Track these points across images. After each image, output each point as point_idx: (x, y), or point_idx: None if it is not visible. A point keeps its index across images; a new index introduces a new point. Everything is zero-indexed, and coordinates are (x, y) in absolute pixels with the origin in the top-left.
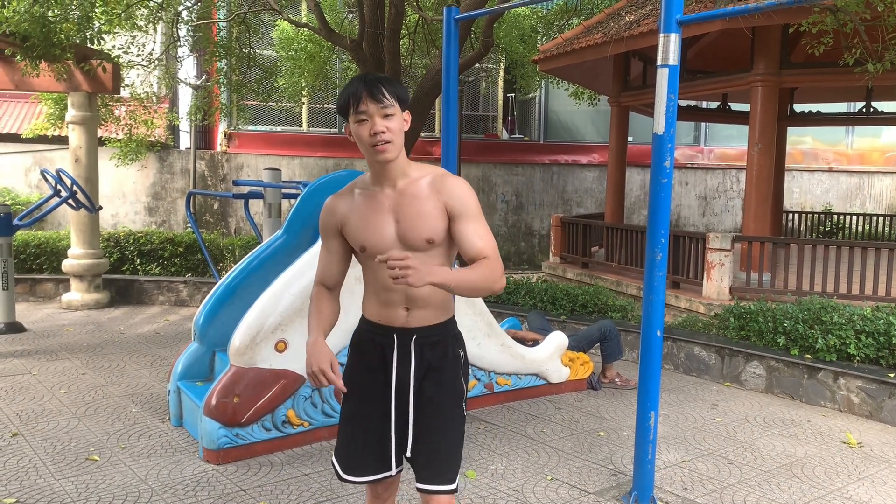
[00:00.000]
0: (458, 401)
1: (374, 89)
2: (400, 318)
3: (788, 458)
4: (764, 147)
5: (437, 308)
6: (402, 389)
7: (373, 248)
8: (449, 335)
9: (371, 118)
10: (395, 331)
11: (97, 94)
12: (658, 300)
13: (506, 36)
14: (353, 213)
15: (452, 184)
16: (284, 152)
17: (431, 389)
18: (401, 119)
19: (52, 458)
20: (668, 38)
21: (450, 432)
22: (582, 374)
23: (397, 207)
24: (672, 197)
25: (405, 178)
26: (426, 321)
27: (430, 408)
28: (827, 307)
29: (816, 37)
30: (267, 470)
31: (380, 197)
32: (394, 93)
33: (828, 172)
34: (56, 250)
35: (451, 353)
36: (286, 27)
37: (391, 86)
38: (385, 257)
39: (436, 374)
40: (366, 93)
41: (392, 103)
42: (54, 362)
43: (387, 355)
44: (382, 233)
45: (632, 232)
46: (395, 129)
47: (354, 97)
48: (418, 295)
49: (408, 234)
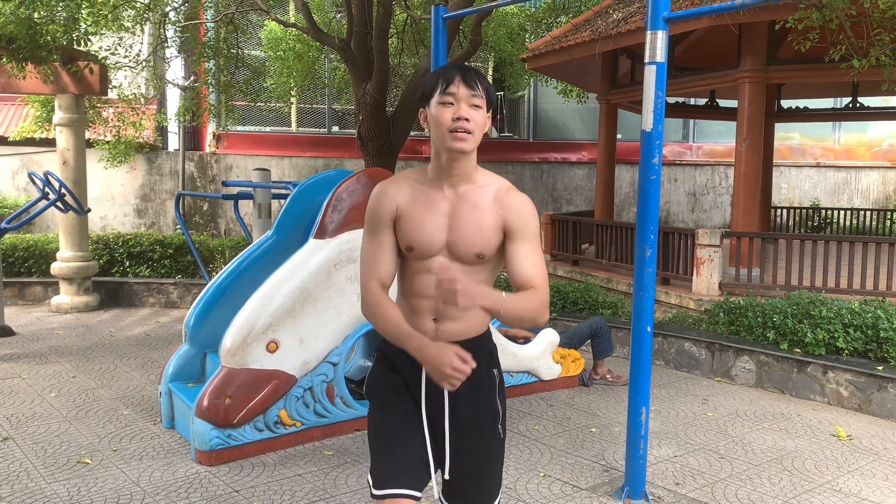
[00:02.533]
0: (495, 423)
1: (469, 75)
2: (428, 329)
3: (779, 452)
4: (752, 143)
5: (469, 322)
6: (434, 409)
7: (420, 251)
8: (483, 353)
9: (458, 102)
10: None
11: (84, 95)
12: (648, 296)
13: (494, 34)
14: (409, 205)
15: (517, 200)
16: (274, 153)
17: (468, 412)
18: (484, 114)
19: (44, 461)
20: (656, 36)
21: (491, 458)
22: (573, 371)
23: (454, 213)
24: (661, 194)
25: (469, 184)
26: (457, 335)
27: (469, 431)
28: (815, 301)
29: (802, 33)
30: (259, 471)
31: (437, 197)
32: (486, 88)
33: (815, 168)
34: (45, 253)
35: (483, 372)
36: (274, 27)
37: (485, 81)
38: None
39: (470, 395)
40: (459, 76)
41: (482, 95)
42: (44, 366)
43: (415, 370)
44: (434, 236)
45: (621, 229)
46: (479, 121)
47: (445, 78)
48: (452, 309)
49: (459, 245)
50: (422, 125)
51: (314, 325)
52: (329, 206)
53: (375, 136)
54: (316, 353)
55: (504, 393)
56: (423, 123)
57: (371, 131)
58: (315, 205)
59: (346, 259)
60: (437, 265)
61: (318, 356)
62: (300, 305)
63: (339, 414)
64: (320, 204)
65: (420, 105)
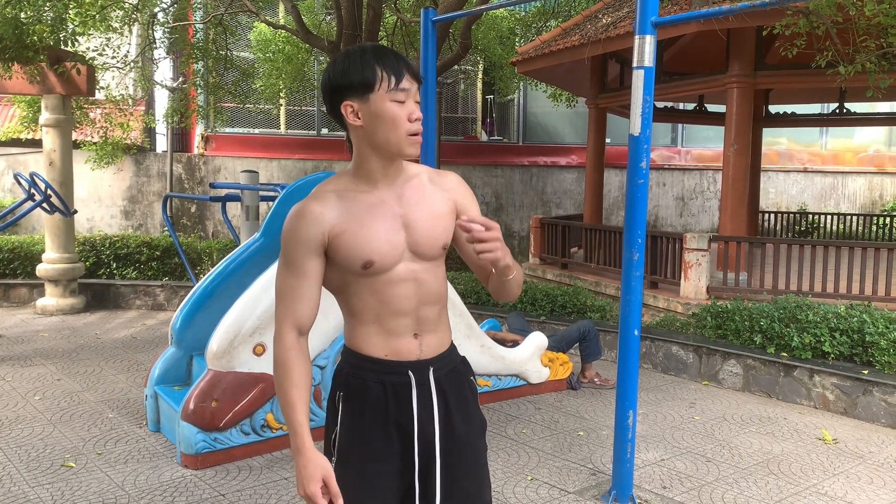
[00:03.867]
0: (483, 432)
1: (413, 67)
2: (413, 349)
3: (765, 456)
4: (740, 148)
5: (444, 331)
6: (426, 437)
7: (382, 263)
8: (459, 361)
9: (408, 100)
10: (410, 366)
11: (71, 96)
12: (635, 300)
13: (484, 38)
14: (347, 220)
15: (452, 179)
16: (262, 154)
17: (462, 427)
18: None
19: (27, 465)
20: (644, 40)
21: (484, 466)
22: (562, 375)
23: (404, 212)
24: (650, 198)
25: (405, 176)
26: (439, 348)
27: (463, 449)
28: (802, 306)
29: (790, 39)
30: (246, 474)
31: (377, 201)
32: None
33: (802, 173)
34: (30, 255)
35: (466, 380)
36: (263, 29)
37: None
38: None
39: (462, 408)
40: (406, 69)
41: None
42: (28, 368)
43: (403, 399)
44: (392, 242)
45: (610, 233)
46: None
47: (393, 70)
48: (429, 317)
49: (422, 243)
50: (347, 121)
51: None
52: None
53: None
54: None
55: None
56: (349, 119)
57: None
58: None
59: None
60: (403, 272)
61: None
62: None
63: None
64: None
65: (343, 97)
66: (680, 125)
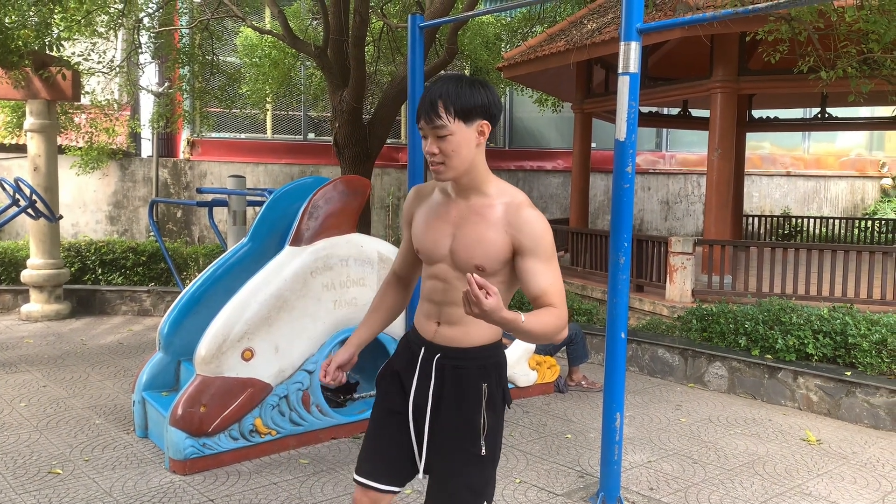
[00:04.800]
0: (473, 438)
1: (431, 108)
2: (430, 332)
3: (751, 457)
4: (724, 152)
5: (469, 329)
6: (418, 407)
7: (425, 256)
8: (476, 363)
9: (425, 138)
10: (425, 343)
11: (57, 101)
12: (622, 303)
13: (470, 43)
14: (423, 211)
15: (528, 217)
16: (249, 159)
17: (449, 419)
18: (462, 136)
19: (13, 472)
20: (629, 47)
21: (464, 472)
22: (549, 378)
23: (460, 222)
24: (635, 202)
25: (480, 196)
26: (454, 342)
27: (443, 438)
28: (786, 308)
29: (772, 45)
30: (235, 479)
31: (450, 205)
32: (457, 107)
33: (786, 177)
34: (15, 261)
35: (473, 383)
36: (250, 34)
37: (457, 97)
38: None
39: (455, 403)
40: (421, 111)
41: (446, 123)
42: (14, 375)
43: (412, 365)
44: (438, 243)
45: (596, 236)
46: (449, 149)
47: (417, 113)
48: (452, 315)
49: (459, 254)
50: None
51: (290, 332)
52: (305, 213)
53: (352, 143)
54: (291, 360)
55: (498, 410)
56: None
57: (347, 138)
58: (291, 212)
59: (323, 266)
60: (440, 270)
61: (293, 364)
62: (276, 313)
63: (315, 422)
64: (296, 211)
65: None
66: (664, 130)
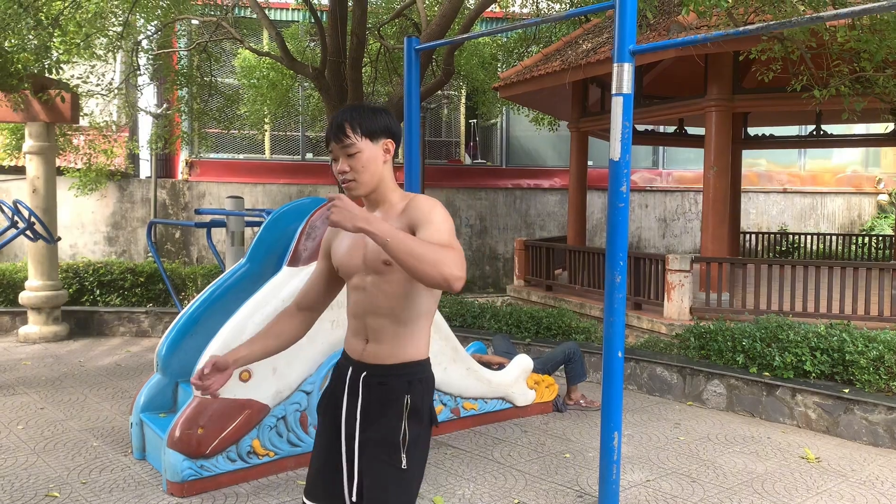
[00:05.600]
0: (395, 449)
1: (339, 130)
2: (357, 350)
3: (749, 475)
4: (720, 170)
5: (394, 347)
6: (349, 427)
7: (345, 271)
8: (400, 379)
9: (336, 159)
10: (352, 363)
11: (55, 123)
12: (618, 322)
13: (467, 63)
14: (341, 237)
15: (418, 201)
16: (247, 180)
17: (370, 430)
18: (370, 153)
19: (10, 495)
20: (622, 68)
21: (388, 488)
22: (547, 397)
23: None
24: (633, 219)
25: (387, 204)
26: (380, 359)
27: (367, 454)
28: (783, 325)
29: (766, 64)
30: (232, 501)
31: None
32: (363, 127)
33: (782, 193)
34: (13, 282)
35: (396, 396)
36: (248, 55)
37: (361, 119)
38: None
39: (378, 418)
40: (332, 134)
41: (354, 141)
42: (11, 397)
43: (342, 386)
44: (353, 255)
45: (593, 254)
46: (359, 166)
47: (326, 138)
48: (378, 328)
49: (369, 256)
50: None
51: (287, 353)
52: (303, 233)
53: None
54: (289, 381)
55: (422, 424)
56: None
57: None
58: (289, 233)
59: None
60: (357, 281)
61: (291, 385)
62: None
63: (313, 443)
64: (294, 232)
65: None
66: (661, 148)
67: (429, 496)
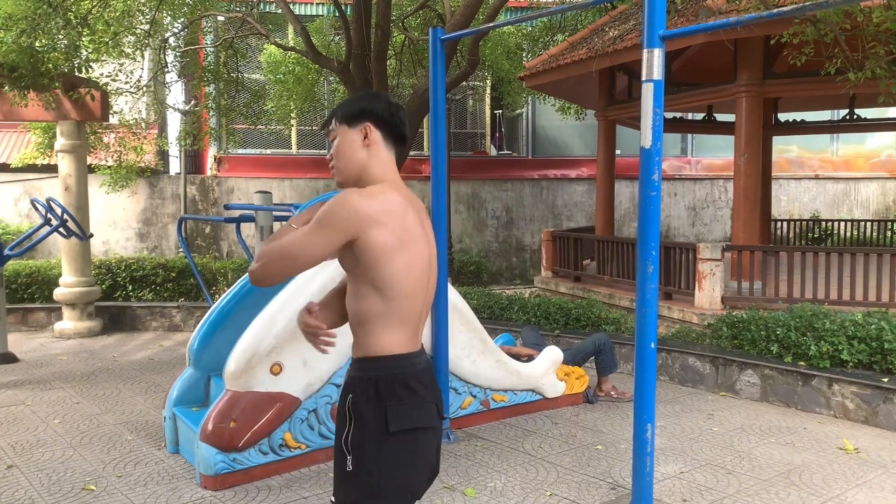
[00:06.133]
0: (342, 451)
1: (328, 116)
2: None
3: (786, 466)
4: (750, 157)
5: (357, 339)
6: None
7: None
8: (354, 375)
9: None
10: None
11: (86, 121)
12: (651, 312)
13: (492, 53)
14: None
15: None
16: (275, 175)
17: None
18: (346, 138)
19: (48, 489)
20: (652, 54)
21: (337, 489)
22: (578, 389)
23: None
24: (662, 208)
25: None
26: (352, 352)
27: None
28: (819, 314)
29: (798, 47)
30: (265, 494)
31: None
32: (341, 112)
33: (814, 180)
34: (47, 279)
35: (344, 396)
36: (274, 51)
37: (343, 106)
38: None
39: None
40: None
41: (333, 126)
42: (48, 392)
43: None
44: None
45: (622, 244)
46: (337, 153)
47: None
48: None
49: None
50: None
51: None
52: None
53: None
54: (320, 374)
55: (367, 428)
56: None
57: None
58: None
59: None
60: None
61: (321, 378)
62: None
63: None
64: None
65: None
66: (689, 135)
67: (460, 488)
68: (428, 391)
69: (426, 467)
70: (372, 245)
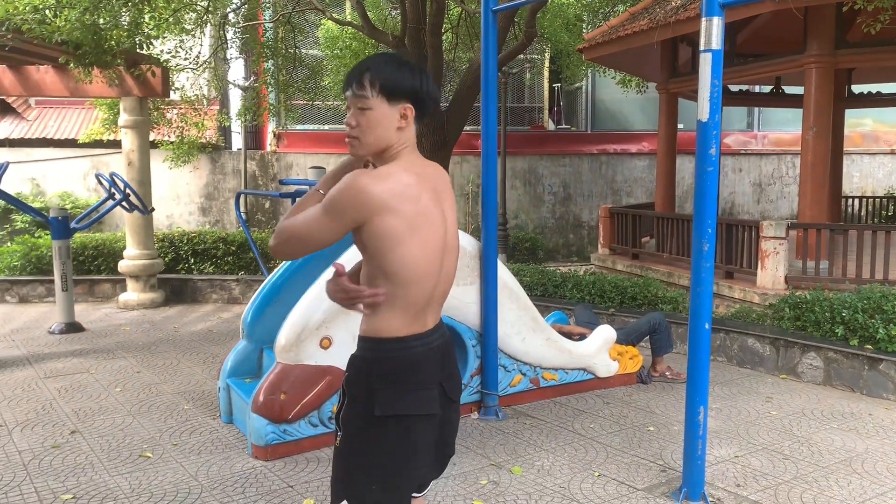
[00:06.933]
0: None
1: (357, 79)
2: None
3: (848, 453)
4: (819, 131)
5: (365, 316)
6: None
7: None
8: (354, 354)
9: (349, 108)
10: None
11: (148, 98)
12: (706, 292)
13: (550, 25)
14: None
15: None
16: (332, 150)
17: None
18: (382, 114)
19: (108, 454)
20: (711, 22)
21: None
22: (631, 369)
23: None
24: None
25: None
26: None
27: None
28: (888, 295)
29: (873, 15)
30: (314, 466)
31: None
32: (381, 83)
33: (890, 155)
34: (112, 252)
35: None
36: (331, 26)
37: (384, 74)
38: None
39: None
40: (349, 80)
41: (368, 95)
42: (111, 361)
43: None
44: None
45: (683, 221)
46: (365, 124)
47: (345, 82)
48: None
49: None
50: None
51: None
52: None
53: (430, 131)
54: None
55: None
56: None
57: (425, 127)
58: None
59: None
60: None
61: None
62: None
63: None
64: None
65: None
66: (756, 109)
67: (507, 466)
68: (428, 375)
69: (423, 455)
70: (379, 233)
